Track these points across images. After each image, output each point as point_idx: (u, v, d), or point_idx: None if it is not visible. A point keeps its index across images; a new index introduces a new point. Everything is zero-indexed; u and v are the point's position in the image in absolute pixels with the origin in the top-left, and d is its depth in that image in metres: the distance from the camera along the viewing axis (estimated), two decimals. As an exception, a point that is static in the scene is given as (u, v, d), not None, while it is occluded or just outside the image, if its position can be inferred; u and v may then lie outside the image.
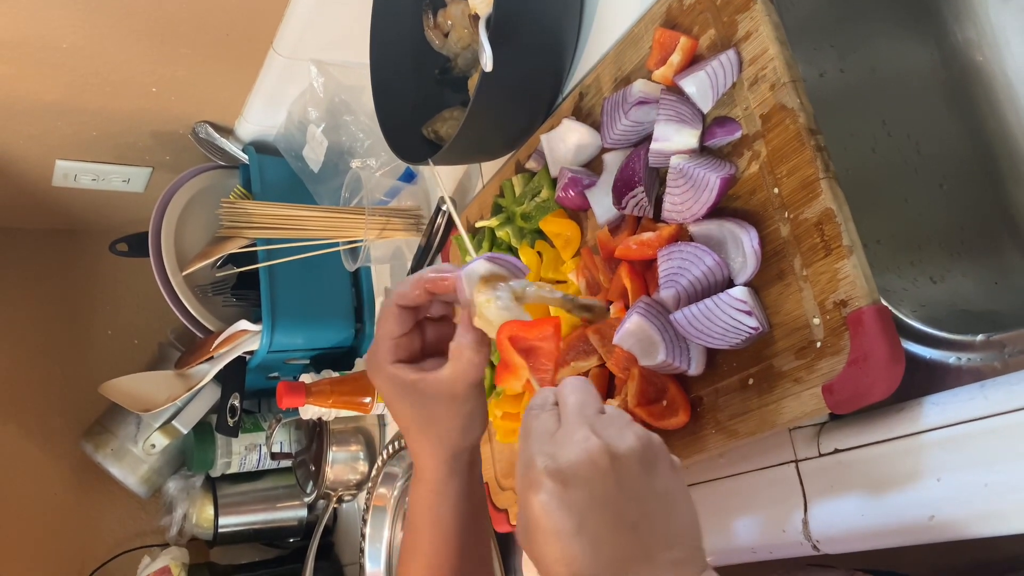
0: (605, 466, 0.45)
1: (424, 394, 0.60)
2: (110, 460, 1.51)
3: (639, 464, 0.46)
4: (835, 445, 0.60)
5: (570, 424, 0.48)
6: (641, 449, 0.46)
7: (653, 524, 0.45)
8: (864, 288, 0.55)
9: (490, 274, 0.63)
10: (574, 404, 0.49)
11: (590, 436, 0.46)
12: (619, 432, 0.47)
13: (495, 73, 0.77)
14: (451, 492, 0.64)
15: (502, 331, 0.59)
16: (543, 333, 0.59)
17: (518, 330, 0.59)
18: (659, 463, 0.47)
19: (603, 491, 0.45)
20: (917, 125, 0.73)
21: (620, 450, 0.46)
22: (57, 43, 1.15)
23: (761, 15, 0.63)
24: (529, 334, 0.59)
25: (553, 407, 0.50)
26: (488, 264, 0.63)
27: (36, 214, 1.64)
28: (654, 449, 0.47)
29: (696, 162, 0.66)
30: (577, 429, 0.47)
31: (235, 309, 1.38)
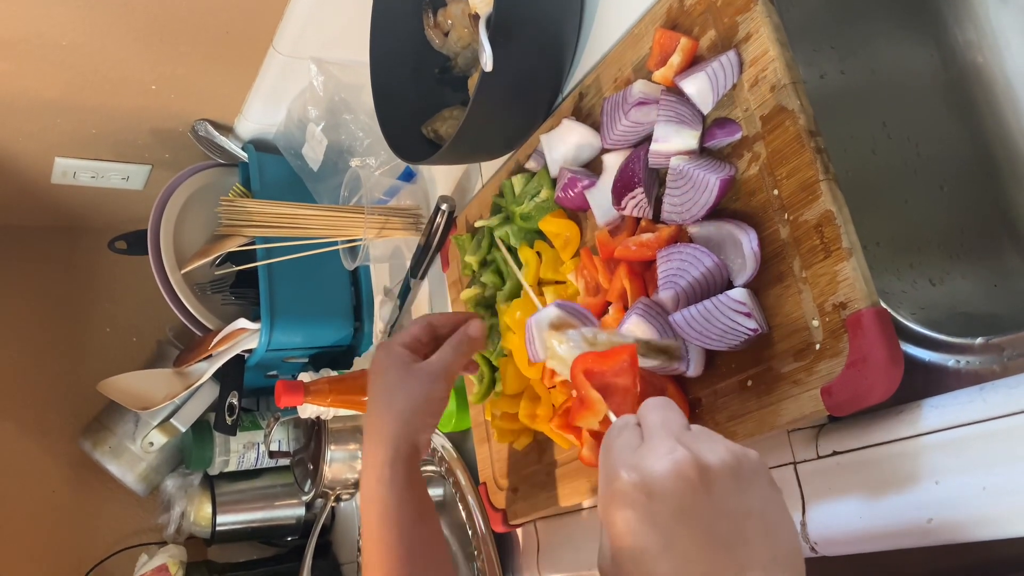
0: (694, 478, 0.42)
1: (412, 369, 0.74)
2: (108, 458, 1.51)
3: (732, 479, 0.42)
4: (833, 447, 0.60)
5: (654, 438, 0.45)
6: (734, 463, 0.43)
7: (749, 543, 0.41)
8: (863, 290, 0.55)
9: (559, 321, 0.65)
10: (658, 419, 0.47)
11: (676, 447, 0.43)
12: (710, 445, 0.44)
13: (495, 73, 0.77)
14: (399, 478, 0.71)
15: (576, 365, 0.58)
16: (619, 364, 0.58)
17: (592, 363, 0.58)
18: (756, 479, 0.44)
19: (692, 505, 0.41)
20: (917, 127, 0.72)
21: (711, 462, 0.42)
22: (57, 40, 1.15)
23: (762, 16, 0.63)
24: (604, 365, 0.58)
25: (635, 427, 0.48)
26: (558, 311, 0.65)
27: (35, 211, 1.64)
28: (751, 464, 0.44)
29: (696, 163, 0.66)
30: (663, 442, 0.44)
31: (234, 307, 1.38)
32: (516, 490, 0.94)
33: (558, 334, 0.62)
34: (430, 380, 0.73)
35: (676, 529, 0.41)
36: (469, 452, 1.08)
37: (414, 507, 0.71)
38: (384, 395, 0.74)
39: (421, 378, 0.74)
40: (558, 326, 0.64)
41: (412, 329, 0.78)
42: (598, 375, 0.58)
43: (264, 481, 1.58)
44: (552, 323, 0.65)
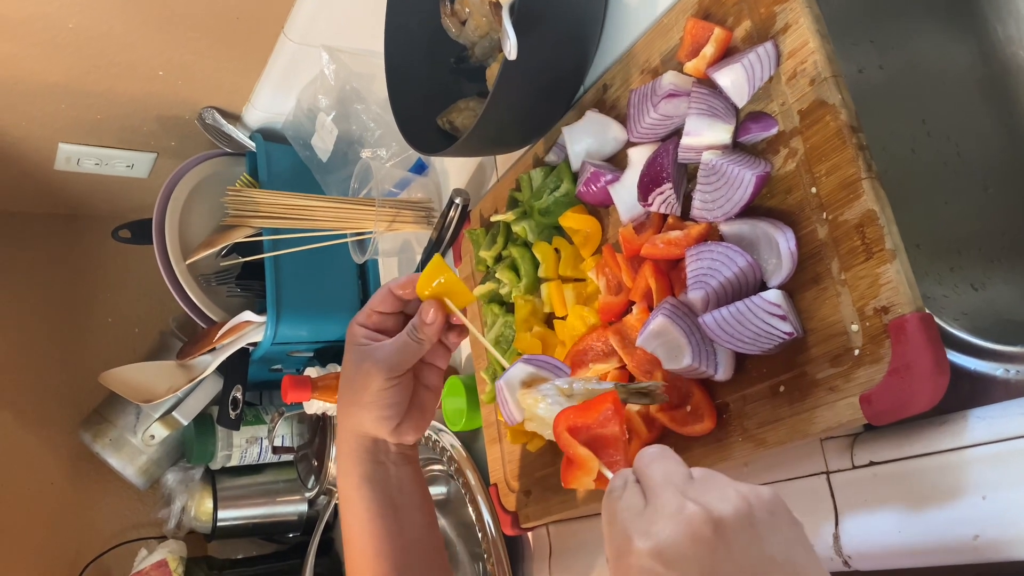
0: (709, 537, 0.39)
1: (364, 352, 0.68)
2: (108, 450, 1.48)
3: (749, 527, 0.40)
4: (870, 457, 0.58)
5: (659, 496, 0.42)
6: (748, 509, 0.41)
7: None
8: (908, 294, 0.52)
9: (530, 377, 0.62)
10: (659, 474, 0.44)
11: (685, 504, 0.41)
12: (720, 495, 0.41)
13: (517, 62, 0.74)
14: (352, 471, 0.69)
15: (558, 423, 0.55)
16: (603, 414, 0.55)
17: (575, 417, 0.55)
18: (775, 521, 0.41)
19: (712, 565, 0.39)
20: (957, 125, 0.70)
21: (724, 515, 0.40)
22: (63, 22, 1.12)
23: (801, 7, 0.61)
24: (588, 418, 0.55)
25: (635, 484, 0.45)
26: (526, 367, 0.62)
27: (37, 198, 1.61)
28: (766, 505, 0.42)
29: (729, 158, 0.63)
30: (670, 500, 0.42)
31: (239, 299, 1.35)
32: (528, 493, 0.92)
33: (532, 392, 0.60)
34: (378, 371, 0.67)
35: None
36: (479, 452, 1.05)
37: (377, 501, 0.68)
38: (342, 382, 0.70)
39: (371, 367, 0.67)
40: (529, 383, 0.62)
41: (372, 302, 0.70)
42: (583, 429, 0.55)
43: (266, 477, 1.55)
44: (523, 381, 0.62)
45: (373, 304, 0.70)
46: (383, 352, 0.67)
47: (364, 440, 0.69)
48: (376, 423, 0.68)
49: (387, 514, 0.69)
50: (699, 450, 0.68)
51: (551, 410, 0.58)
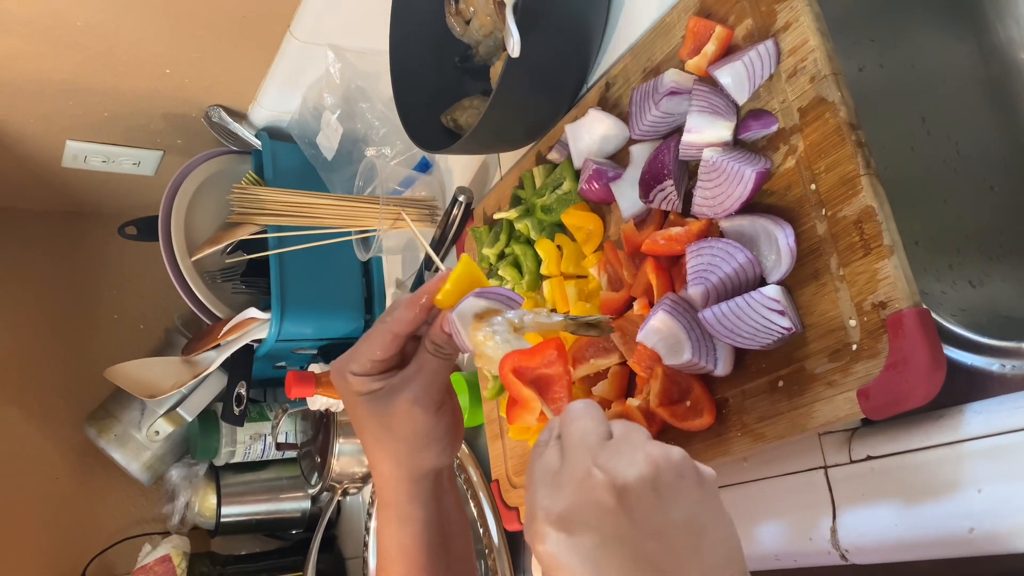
0: (611, 504, 0.40)
1: (383, 399, 0.58)
2: (113, 446, 1.49)
3: (653, 492, 0.41)
4: (867, 452, 0.58)
5: (571, 461, 0.43)
6: (654, 475, 0.41)
7: (680, 559, 0.40)
8: (905, 290, 0.53)
9: (483, 310, 0.60)
10: (576, 434, 0.44)
11: (591, 472, 0.41)
12: (628, 459, 0.42)
13: (521, 60, 0.75)
14: (414, 519, 0.60)
15: (504, 364, 0.55)
16: (546, 358, 0.56)
17: (519, 360, 0.56)
18: (680, 484, 0.42)
19: (614, 531, 0.40)
20: (957, 124, 0.70)
21: (628, 481, 0.41)
22: (71, 20, 1.13)
23: (802, 5, 0.61)
24: (532, 362, 0.56)
25: (557, 440, 0.46)
26: (479, 300, 0.60)
27: (45, 195, 1.62)
28: (672, 468, 0.42)
29: (730, 155, 0.64)
30: (579, 465, 0.42)
31: (244, 296, 1.36)
32: (530, 488, 0.92)
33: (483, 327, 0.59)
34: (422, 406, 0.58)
35: (602, 560, 0.39)
36: (481, 448, 1.06)
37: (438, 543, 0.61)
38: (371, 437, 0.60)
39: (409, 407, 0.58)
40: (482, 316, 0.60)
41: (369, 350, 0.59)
42: (529, 370, 0.56)
43: (270, 473, 1.56)
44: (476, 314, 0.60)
45: (371, 352, 0.59)
46: (418, 386, 0.58)
47: (426, 481, 0.60)
48: (441, 456, 0.60)
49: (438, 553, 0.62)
50: (699, 444, 0.68)
51: (499, 349, 0.58)
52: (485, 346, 0.58)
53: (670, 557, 0.40)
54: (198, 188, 1.36)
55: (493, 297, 0.60)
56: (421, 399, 0.58)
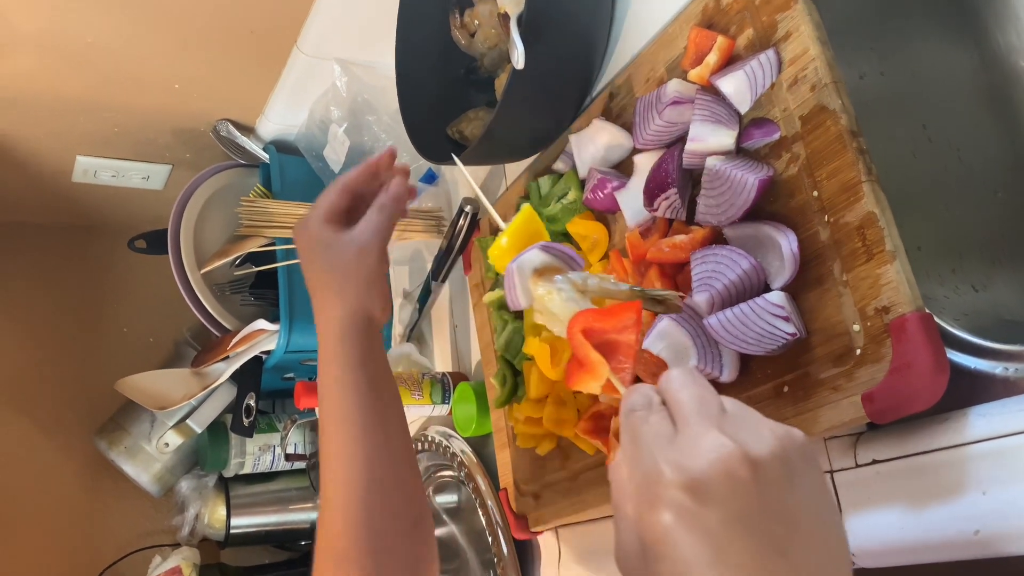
0: (747, 478, 0.37)
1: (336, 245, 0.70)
2: (123, 458, 1.50)
3: (784, 471, 0.38)
4: (873, 456, 0.59)
5: (692, 427, 0.39)
6: (783, 452, 0.38)
7: (807, 548, 0.36)
8: (908, 294, 0.54)
9: (544, 266, 0.58)
10: (691, 401, 0.41)
11: (723, 441, 0.38)
12: (755, 432, 0.39)
13: (525, 72, 0.76)
14: (351, 356, 0.68)
15: (574, 323, 0.51)
16: (623, 322, 0.51)
17: (593, 321, 0.51)
18: (806, 466, 0.39)
19: (745, 509, 0.36)
20: (958, 131, 0.71)
21: (762, 455, 0.37)
22: (81, 37, 1.14)
23: (802, 15, 0.62)
24: (607, 324, 0.51)
25: (662, 407, 0.42)
26: (542, 254, 0.58)
27: (55, 209, 1.64)
28: (798, 450, 0.39)
29: (733, 163, 0.64)
30: (704, 433, 0.38)
31: (253, 308, 1.37)
32: (538, 496, 0.93)
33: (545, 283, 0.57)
34: (362, 254, 0.70)
35: (729, 538, 0.36)
36: (489, 457, 1.06)
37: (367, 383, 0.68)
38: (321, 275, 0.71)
39: (351, 253, 0.70)
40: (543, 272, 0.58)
41: (328, 196, 0.73)
42: (599, 333, 0.52)
43: (279, 484, 1.57)
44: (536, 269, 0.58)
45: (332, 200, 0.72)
46: (369, 233, 0.71)
47: (362, 321, 0.70)
48: (378, 299, 0.71)
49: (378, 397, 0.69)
50: (705, 451, 0.68)
51: (566, 307, 0.54)
52: (550, 301, 0.55)
53: (799, 544, 0.36)
54: (207, 201, 1.38)
55: (556, 253, 0.58)
56: (369, 248, 0.71)
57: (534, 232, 0.64)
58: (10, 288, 1.65)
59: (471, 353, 1.16)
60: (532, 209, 0.65)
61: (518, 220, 0.64)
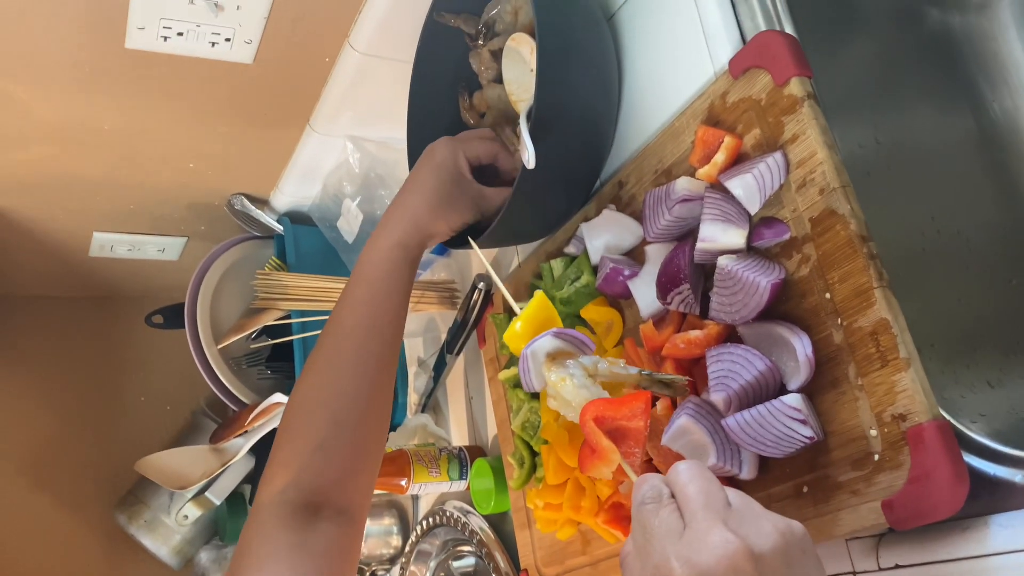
0: (750, 572, 0.40)
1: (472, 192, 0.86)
2: (143, 531, 1.50)
3: (783, 565, 0.41)
4: (896, 560, 0.59)
5: (700, 522, 0.42)
6: (785, 546, 0.41)
7: None
8: (924, 403, 0.54)
9: (556, 351, 0.60)
10: (698, 496, 0.44)
11: (728, 537, 0.41)
12: (757, 527, 0.42)
13: (536, 168, 0.77)
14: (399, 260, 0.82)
15: (587, 412, 0.54)
16: (633, 410, 0.54)
17: (604, 409, 0.54)
18: (805, 560, 0.42)
19: None
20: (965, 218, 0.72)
21: (764, 551, 0.41)
22: (99, 125, 1.17)
23: (808, 118, 0.63)
24: (617, 413, 0.54)
25: (671, 500, 0.45)
26: (555, 340, 0.60)
27: (73, 283, 1.66)
28: (798, 543, 0.42)
29: (744, 264, 0.65)
30: (711, 528, 0.42)
31: (269, 381, 1.38)
32: (559, 579, 0.92)
33: (557, 368, 0.59)
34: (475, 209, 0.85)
35: None
36: (509, 535, 1.06)
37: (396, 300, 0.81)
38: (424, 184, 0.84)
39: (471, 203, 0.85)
40: (555, 356, 0.60)
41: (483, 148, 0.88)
42: (610, 420, 0.55)
43: (298, 553, 1.56)
44: (549, 353, 0.61)
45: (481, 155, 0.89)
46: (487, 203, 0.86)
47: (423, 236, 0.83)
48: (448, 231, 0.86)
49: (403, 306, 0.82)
50: (726, 547, 0.68)
51: (578, 394, 0.57)
52: (562, 387, 0.58)
53: None
54: (222, 276, 1.39)
55: (568, 339, 0.60)
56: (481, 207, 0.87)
57: (547, 318, 0.66)
58: (29, 360, 1.67)
59: (487, 425, 1.17)
60: (544, 295, 0.67)
61: (532, 306, 0.66)
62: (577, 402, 0.57)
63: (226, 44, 1.04)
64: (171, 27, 0.99)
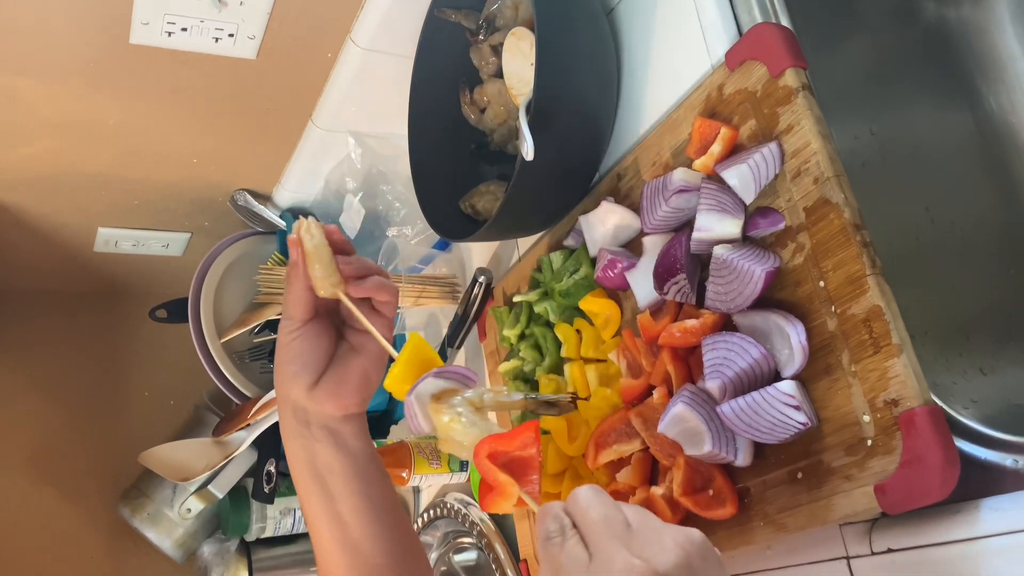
0: None
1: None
2: (146, 525, 1.51)
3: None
4: (888, 544, 0.59)
5: (603, 551, 0.44)
6: (686, 558, 0.43)
7: None
8: (915, 388, 0.55)
9: (440, 391, 0.60)
10: (598, 522, 0.45)
11: (633, 563, 0.42)
12: (659, 545, 0.43)
13: (535, 159, 0.78)
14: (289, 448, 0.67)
15: (479, 451, 0.54)
16: (524, 441, 0.55)
17: (496, 444, 0.54)
18: (706, 568, 0.43)
19: None
20: (959, 208, 0.72)
21: (667, 570, 0.42)
22: (104, 121, 1.18)
23: (803, 109, 0.64)
24: (510, 446, 0.54)
25: (574, 532, 0.46)
26: (436, 380, 0.60)
27: (77, 278, 1.67)
28: (698, 551, 0.44)
29: (739, 252, 0.66)
30: (614, 555, 0.43)
31: (272, 375, 1.39)
32: (558, 569, 0.93)
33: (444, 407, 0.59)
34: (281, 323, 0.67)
35: None
36: (509, 526, 1.07)
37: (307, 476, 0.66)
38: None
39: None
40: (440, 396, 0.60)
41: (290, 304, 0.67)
42: (504, 455, 0.55)
43: (301, 547, 1.57)
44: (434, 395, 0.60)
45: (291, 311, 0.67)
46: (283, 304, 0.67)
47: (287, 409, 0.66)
48: (289, 380, 0.65)
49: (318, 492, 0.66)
50: (722, 533, 0.69)
51: (468, 434, 0.57)
52: (452, 430, 0.57)
53: None
54: (225, 271, 1.40)
55: (451, 376, 0.60)
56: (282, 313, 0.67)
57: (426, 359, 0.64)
58: (34, 354, 1.68)
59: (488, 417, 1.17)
60: (418, 336, 0.65)
61: (407, 350, 0.64)
62: (468, 442, 0.57)
63: (229, 40, 1.05)
64: (175, 22, 1.00)
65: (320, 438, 0.66)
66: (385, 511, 0.67)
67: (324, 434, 0.66)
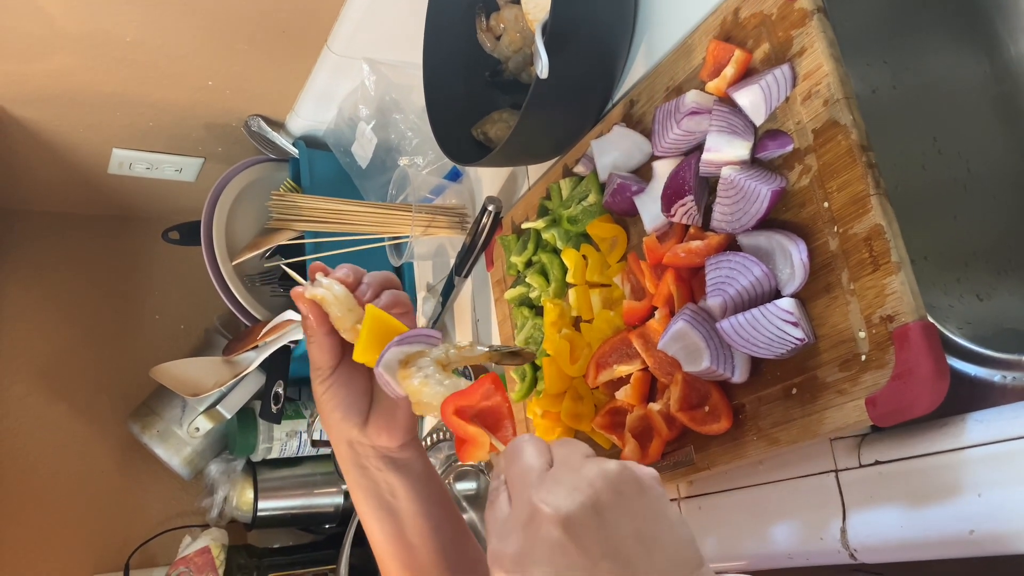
0: (558, 537, 0.41)
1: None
2: (155, 441, 1.55)
3: (595, 517, 0.42)
4: (876, 457, 0.61)
5: (517, 502, 0.44)
6: (594, 498, 0.42)
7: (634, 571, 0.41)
8: (911, 304, 0.56)
9: (406, 356, 0.61)
10: (517, 475, 0.45)
11: (535, 511, 0.42)
12: (567, 488, 0.43)
13: (549, 79, 0.78)
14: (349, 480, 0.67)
15: (446, 409, 0.55)
16: (485, 392, 0.56)
17: (460, 400, 0.56)
18: (620, 501, 0.43)
19: (566, 562, 0.41)
20: (968, 142, 0.73)
21: (571, 511, 0.42)
22: (120, 36, 1.18)
23: (816, 31, 0.64)
24: (472, 400, 0.56)
25: (504, 485, 0.47)
26: (400, 347, 0.61)
27: (91, 200, 1.69)
28: (611, 487, 0.43)
29: (747, 173, 0.67)
30: (524, 506, 0.43)
31: (282, 299, 1.41)
32: (556, 487, 0.96)
33: (412, 371, 0.60)
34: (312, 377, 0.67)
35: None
36: (509, 448, 1.10)
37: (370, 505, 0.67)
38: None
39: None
40: (407, 360, 0.61)
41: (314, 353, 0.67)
42: (470, 408, 0.56)
43: (305, 469, 1.62)
44: (401, 361, 0.61)
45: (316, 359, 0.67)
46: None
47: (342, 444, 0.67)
48: (338, 424, 0.67)
49: (383, 517, 0.67)
50: (716, 448, 0.72)
51: (436, 392, 0.58)
52: (422, 393, 0.59)
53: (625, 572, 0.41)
54: (238, 195, 1.42)
55: (414, 340, 0.61)
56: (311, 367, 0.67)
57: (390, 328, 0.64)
58: (48, 274, 1.71)
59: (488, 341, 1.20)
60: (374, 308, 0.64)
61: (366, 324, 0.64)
62: (437, 402, 0.58)
63: (248, -44, 1.05)
64: (194, -64, 1.00)
65: (381, 467, 0.67)
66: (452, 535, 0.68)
67: (384, 463, 0.67)
